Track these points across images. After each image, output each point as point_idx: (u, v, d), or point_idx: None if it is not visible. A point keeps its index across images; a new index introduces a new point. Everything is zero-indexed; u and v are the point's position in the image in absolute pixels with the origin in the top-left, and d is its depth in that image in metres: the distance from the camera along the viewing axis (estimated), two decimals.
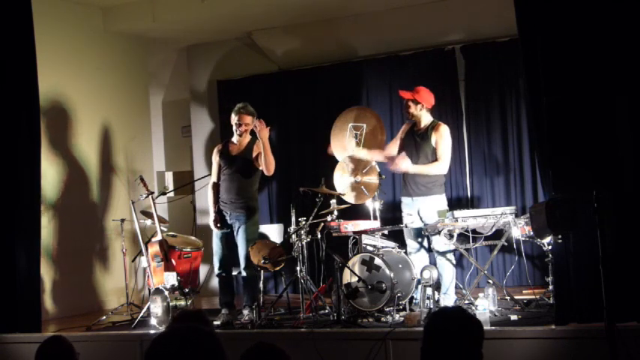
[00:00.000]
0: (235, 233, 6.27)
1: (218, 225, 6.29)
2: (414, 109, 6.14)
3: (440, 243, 5.89)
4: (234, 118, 6.30)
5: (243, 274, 6.24)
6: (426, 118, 6.17)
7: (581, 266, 4.54)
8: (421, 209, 6.06)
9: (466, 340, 2.50)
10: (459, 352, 2.47)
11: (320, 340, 4.99)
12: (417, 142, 6.13)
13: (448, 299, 5.90)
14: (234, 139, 6.35)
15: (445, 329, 2.53)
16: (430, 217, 6.00)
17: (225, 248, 6.32)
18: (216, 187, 6.41)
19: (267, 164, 6.11)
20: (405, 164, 6.05)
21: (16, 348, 5.73)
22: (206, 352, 2.01)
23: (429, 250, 6.18)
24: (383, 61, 8.08)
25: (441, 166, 6.05)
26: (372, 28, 7.98)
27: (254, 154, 6.25)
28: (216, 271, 6.38)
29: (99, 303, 7.75)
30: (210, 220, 6.38)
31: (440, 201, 6.07)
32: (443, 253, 5.94)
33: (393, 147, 6.37)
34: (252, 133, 6.29)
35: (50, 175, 7.31)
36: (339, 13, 7.90)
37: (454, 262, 6.03)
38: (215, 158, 6.44)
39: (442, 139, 6.06)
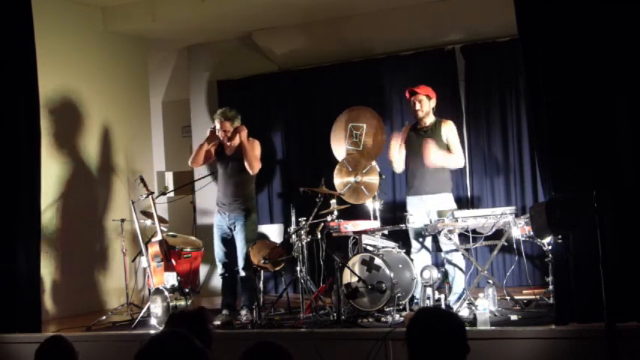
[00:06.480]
0: (235, 233, 6.28)
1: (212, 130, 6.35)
2: (427, 105, 6.10)
3: (446, 243, 5.85)
4: (216, 124, 6.34)
5: (242, 274, 6.25)
6: (431, 116, 6.17)
7: (581, 266, 4.54)
8: (432, 210, 6.00)
9: (445, 335, 2.52)
10: (441, 348, 2.49)
11: (320, 340, 4.99)
12: (423, 140, 6.07)
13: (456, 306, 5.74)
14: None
15: (424, 330, 2.55)
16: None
17: (226, 249, 6.34)
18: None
19: (249, 164, 6.18)
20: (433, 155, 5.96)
21: (16, 348, 5.73)
22: None
23: (437, 249, 6.16)
24: (383, 61, 8.07)
25: (459, 159, 6.06)
26: (373, 28, 7.98)
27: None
28: (219, 271, 6.42)
29: (99, 303, 7.74)
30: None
31: (449, 200, 6.07)
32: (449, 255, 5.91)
33: (395, 150, 6.26)
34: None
35: (50, 174, 7.29)
36: (339, 13, 7.89)
37: (461, 266, 5.96)
38: (212, 147, 6.44)
39: (453, 132, 6.09)
